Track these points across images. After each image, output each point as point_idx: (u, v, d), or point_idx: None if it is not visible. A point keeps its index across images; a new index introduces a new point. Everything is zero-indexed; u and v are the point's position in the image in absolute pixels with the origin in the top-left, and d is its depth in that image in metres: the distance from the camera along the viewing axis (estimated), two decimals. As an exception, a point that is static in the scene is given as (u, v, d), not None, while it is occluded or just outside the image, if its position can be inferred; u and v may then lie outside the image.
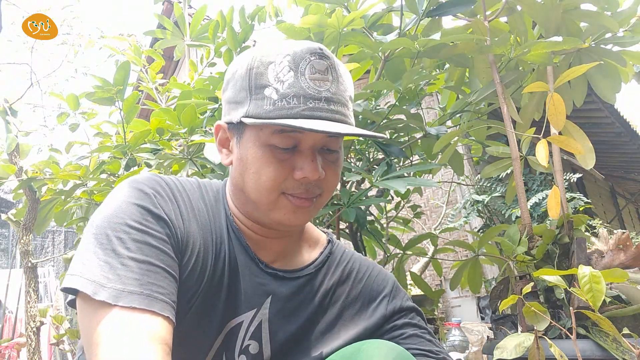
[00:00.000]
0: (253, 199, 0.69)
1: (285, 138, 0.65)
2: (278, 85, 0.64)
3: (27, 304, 1.99)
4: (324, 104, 0.64)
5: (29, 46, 3.16)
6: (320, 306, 0.78)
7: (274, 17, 2.20)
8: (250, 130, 0.67)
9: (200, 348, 0.69)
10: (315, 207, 0.71)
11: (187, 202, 0.70)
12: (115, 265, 0.58)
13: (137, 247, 0.60)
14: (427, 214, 5.79)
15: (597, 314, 0.93)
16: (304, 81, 0.64)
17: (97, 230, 0.61)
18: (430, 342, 0.79)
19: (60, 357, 4.40)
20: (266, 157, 0.66)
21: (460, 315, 4.81)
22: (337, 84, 0.67)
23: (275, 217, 0.69)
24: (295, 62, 0.64)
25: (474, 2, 1.44)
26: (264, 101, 0.64)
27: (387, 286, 0.83)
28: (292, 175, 0.66)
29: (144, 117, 3.79)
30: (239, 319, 0.71)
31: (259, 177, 0.66)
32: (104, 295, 0.55)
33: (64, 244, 6.85)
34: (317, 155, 0.67)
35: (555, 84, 1.24)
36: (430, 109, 2.13)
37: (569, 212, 1.36)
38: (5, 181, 1.92)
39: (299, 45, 0.66)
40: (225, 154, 0.74)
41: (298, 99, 0.63)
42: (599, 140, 5.70)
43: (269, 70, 0.65)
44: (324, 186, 0.70)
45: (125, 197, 0.64)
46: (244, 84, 0.66)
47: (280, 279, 0.75)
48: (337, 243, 0.86)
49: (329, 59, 0.67)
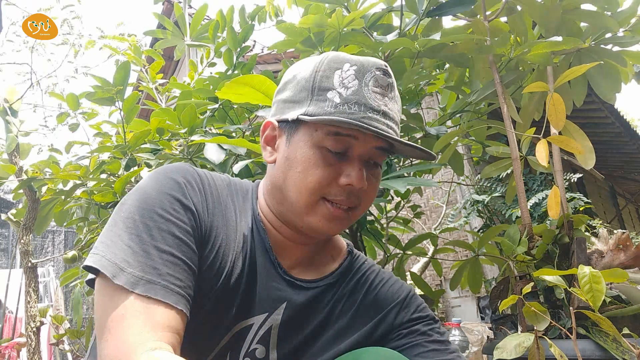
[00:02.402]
0: (292, 199, 0.69)
1: (338, 141, 0.67)
2: (342, 90, 0.66)
3: (27, 304, 1.99)
4: (381, 117, 0.66)
5: (29, 46, 3.16)
6: (331, 315, 0.77)
7: (274, 17, 2.20)
8: (305, 130, 0.68)
9: (207, 345, 0.69)
10: (349, 219, 0.71)
11: (215, 196, 0.71)
12: (138, 251, 0.59)
13: (162, 237, 0.60)
14: (427, 214, 5.79)
15: (597, 314, 0.93)
16: (367, 91, 0.66)
17: (126, 214, 0.62)
18: (437, 352, 0.75)
19: (60, 357, 4.39)
20: (316, 158, 0.67)
21: (460, 315, 4.81)
22: (394, 102, 0.70)
23: (309, 221, 0.70)
24: (362, 72, 0.67)
25: (474, 2, 1.44)
26: (326, 103, 0.66)
27: (401, 295, 0.81)
28: (337, 181, 0.67)
29: (144, 117, 3.79)
30: (249, 321, 0.71)
31: (305, 177, 0.67)
32: (123, 280, 0.56)
33: (64, 244, 6.85)
34: (364, 166, 0.69)
35: (555, 84, 1.24)
36: (430, 109, 2.13)
37: (569, 212, 1.36)
38: (5, 181, 1.92)
39: (366, 58, 0.69)
40: (269, 152, 0.74)
41: (359, 106, 0.65)
42: (599, 140, 5.70)
43: (335, 75, 0.67)
44: (362, 198, 0.71)
45: (157, 185, 0.65)
46: (306, 85, 0.68)
47: (297, 287, 0.75)
48: (357, 254, 0.86)
49: (391, 78, 0.70)
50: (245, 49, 1.84)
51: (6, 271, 4.75)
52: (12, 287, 4.25)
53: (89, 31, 21.84)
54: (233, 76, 1.71)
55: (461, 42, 1.44)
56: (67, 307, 5.45)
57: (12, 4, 3.80)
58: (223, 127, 1.66)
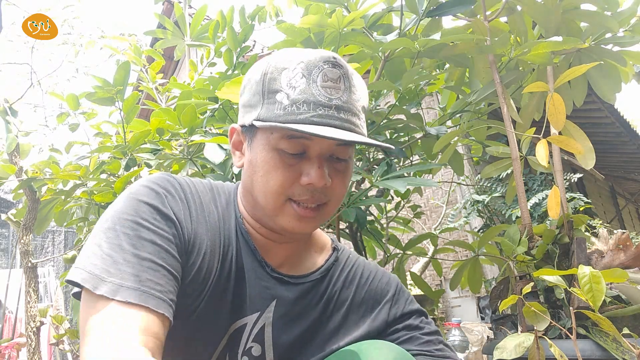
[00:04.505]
0: (260, 203, 0.70)
1: (293, 143, 0.66)
2: (290, 90, 0.65)
3: (27, 304, 1.99)
4: (334, 112, 0.65)
5: (30, 46, 3.16)
6: (324, 311, 0.78)
7: (274, 17, 2.20)
8: (261, 134, 0.68)
9: (206, 348, 0.70)
10: (320, 216, 0.71)
11: (197, 203, 0.71)
12: (118, 260, 0.59)
13: (142, 245, 0.61)
14: (427, 214, 5.79)
15: (597, 314, 0.93)
16: (315, 88, 0.65)
17: (107, 225, 0.62)
18: (430, 343, 0.80)
19: (60, 357, 4.39)
20: (274, 161, 0.67)
21: (460, 315, 4.81)
22: (350, 93, 0.67)
23: (280, 223, 0.70)
24: (309, 69, 0.65)
25: (474, 2, 1.44)
26: (275, 105, 0.65)
27: (390, 290, 0.84)
28: (299, 181, 0.67)
29: (144, 117, 3.79)
30: (243, 320, 0.72)
31: (267, 181, 0.67)
32: (104, 290, 0.57)
33: (64, 244, 6.84)
34: (325, 163, 0.68)
35: (555, 84, 1.24)
36: (430, 109, 2.13)
37: (569, 212, 1.36)
38: (5, 181, 1.92)
39: (313, 53, 0.68)
40: (238, 157, 0.75)
41: (308, 105, 0.64)
42: (599, 140, 5.70)
43: (282, 76, 0.66)
44: (330, 194, 0.70)
45: (136, 195, 0.65)
46: (257, 89, 0.68)
47: (285, 283, 0.76)
48: (342, 248, 0.87)
49: (342, 68, 0.67)
50: (245, 49, 1.84)
51: (6, 271, 4.75)
52: (12, 287, 4.25)
53: (89, 31, 21.83)
54: (233, 76, 1.71)
55: (461, 42, 1.44)
56: (67, 307, 5.45)
57: (12, 4, 3.80)
58: (223, 127, 1.66)
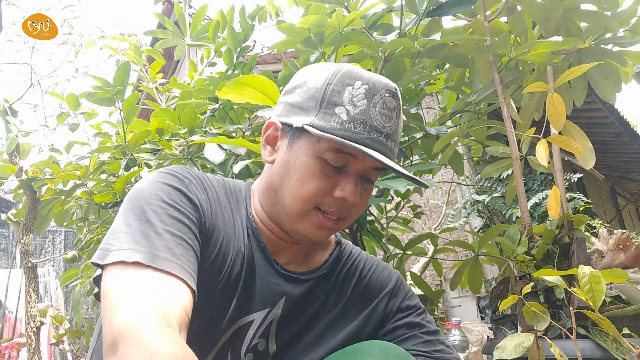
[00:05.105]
0: (286, 204, 0.70)
1: (339, 157, 0.68)
2: (350, 107, 0.67)
3: (27, 304, 1.99)
4: (383, 139, 0.68)
5: (30, 46, 3.16)
6: (325, 303, 0.79)
7: (274, 17, 2.20)
8: (307, 138, 0.69)
9: (207, 342, 0.69)
10: (337, 228, 0.73)
11: (215, 196, 0.72)
12: (150, 233, 0.58)
13: (172, 222, 0.61)
14: (427, 214, 5.79)
15: (597, 314, 0.93)
16: (374, 113, 0.68)
17: (133, 204, 0.62)
18: (430, 343, 0.79)
19: (60, 357, 4.39)
20: (315, 168, 0.68)
21: (460, 315, 4.81)
22: (397, 125, 0.72)
23: (299, 228, 0.71)
24: (372, 93, 0.68)
25: (474, 2, 1.44)
26: (333, 117, 0.67)
27: (389, 283, 0.84)
28: (332, 193, 0.69)
29: (144, 117, 3.79)
30: (250, 317, 0.72)
31: (301, 186, 0.68)
32: (139, 257, 0.55)
33: (64, 244, 6.84)
34: (359, 181, 0.71)
35: (555, 84, 1.24)
36: (430, 109, 2.13)
37: (569, 212, 1.36)
38: (5, 181, 1.92)
39: (378, 78, 0.70)
40: (269, 152, 0.75)
41: (364, 127, 0.67)
42: (599, 140, 5.69)
43: (345, 91, 0.68)
44: (352, 210, 0.72)
45: (161, 179, 0.66)
46: (316, 95, 0.69)
47: (294, 280, 0.77)
48: (345, 243, 0.88)
49: (399, 100, 0.71)
50: (245, 48, 1.84)
51: (6, 271, 4.74)
52: (12, 287, 4.25)
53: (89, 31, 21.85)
54: (233, 76, 1.71)
55: (461, 42, 1.44)
56: (67, 307, 5.44)
57: (12, 4, 3.80)
58: (223, 127, 1.66)
